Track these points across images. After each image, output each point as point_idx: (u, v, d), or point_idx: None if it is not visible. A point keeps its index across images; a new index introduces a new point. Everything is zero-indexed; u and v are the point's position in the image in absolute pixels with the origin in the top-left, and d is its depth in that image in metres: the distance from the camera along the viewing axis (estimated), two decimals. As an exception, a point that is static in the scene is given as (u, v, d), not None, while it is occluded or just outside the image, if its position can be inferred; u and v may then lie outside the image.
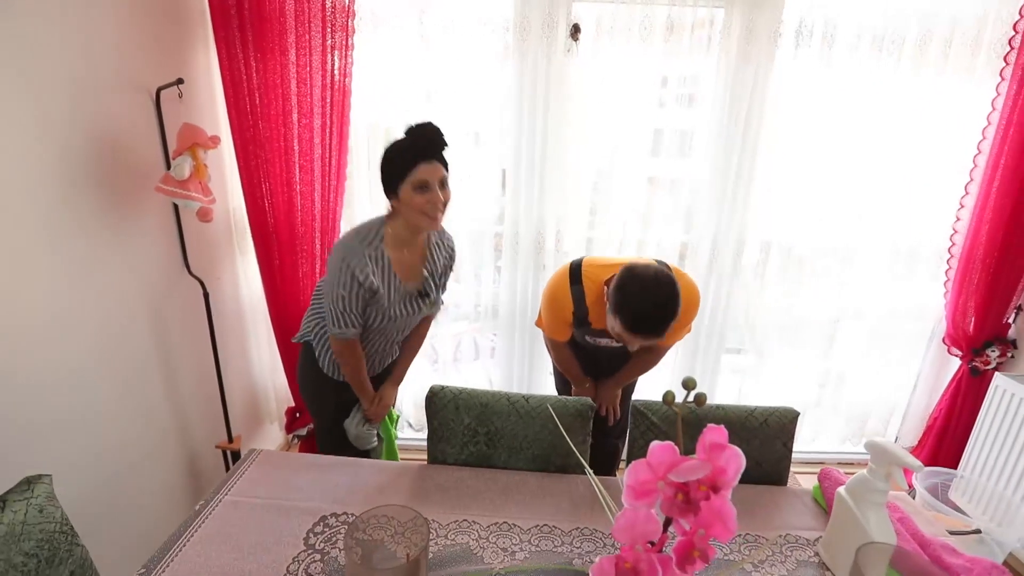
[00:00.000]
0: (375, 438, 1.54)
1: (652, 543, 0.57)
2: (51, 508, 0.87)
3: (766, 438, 1.19)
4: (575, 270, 1.42)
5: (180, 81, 1.53)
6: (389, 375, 1.56)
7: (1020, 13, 1.77)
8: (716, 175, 2.01)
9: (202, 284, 1.73)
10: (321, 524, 0.99)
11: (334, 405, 1.51)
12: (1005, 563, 1.89)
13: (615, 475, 1.74)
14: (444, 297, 1.52)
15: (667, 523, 0.58)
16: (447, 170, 1.23)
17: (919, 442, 2.36)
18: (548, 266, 2.09)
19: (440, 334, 2.33)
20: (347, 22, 1.78)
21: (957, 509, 2.04)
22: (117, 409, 1.46)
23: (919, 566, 0.90)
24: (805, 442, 2.47)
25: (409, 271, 1.34)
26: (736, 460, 0.51)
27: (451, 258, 1.47)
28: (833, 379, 2.41)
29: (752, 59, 1.87)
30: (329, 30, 1.77)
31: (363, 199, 2.12)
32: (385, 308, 1.30)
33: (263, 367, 2.24)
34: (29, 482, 0.87)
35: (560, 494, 1.11)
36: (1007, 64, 1.82)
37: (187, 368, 1.77)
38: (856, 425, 2.45)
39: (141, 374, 1.56)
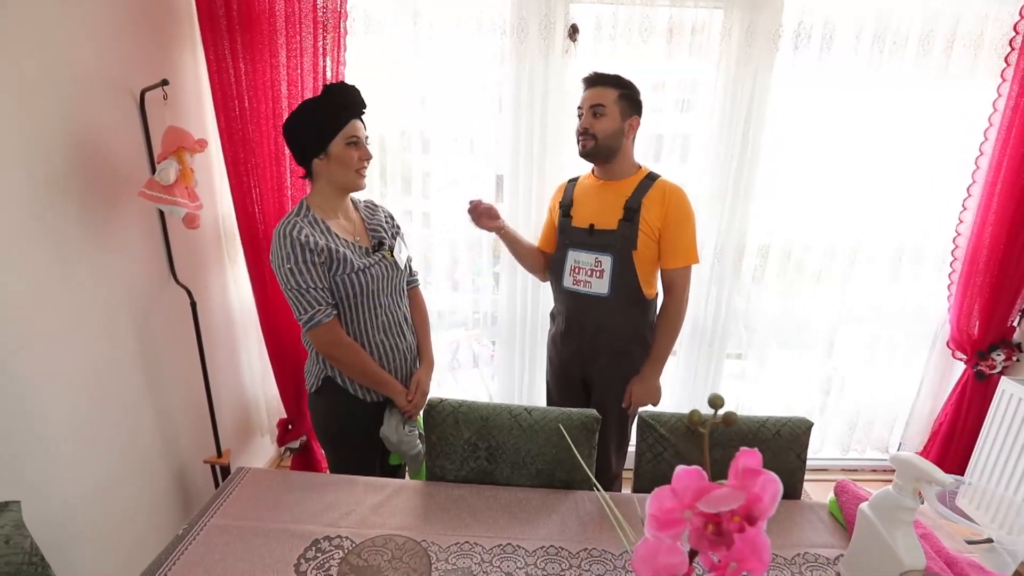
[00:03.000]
0: (418, 439, 1.35)
1: (677, 577, 0.52)
2: (19, 538, 0.81)
3: (779, 449, 1.14)
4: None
5: (165, 83, 1.47)
6: (417, 364, 1.43)
7: (1020, 14, 1.75)
8: (716, 179, 1.98)
9: (189, 293, 1.66)
10: (313, 548, 0.93)
11: (369, 441, 1.36)
12: (1016, 573, 1.85)
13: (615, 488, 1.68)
14: (446, 300, 1.44)
15: (692, 553, 0.53)
16: (366, 130, 1.27)
17: (924, 448, 2.32)
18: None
19: (436, 341, 2.27)
20: (339, 24, 1.73)
21: (965, 516, 2.00)
22: (98, 425, 1.39)
23: (948, 586, 0.86)
24: (813, 449, 2.43)
25: (351, 232, 1.29)
26: (772, 487, 0.46)
27: (392, 218, 1.43)
28: (836, 384, 2.38)
29: (752, 61, 1.84)
30: (321, 32, 1.72)
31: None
32: (351, 261, 1.20)
33: (254, 378, 2.17)
34: (-4, 510, 0.81)
35: (566, 512, 1.05)
36: (1008, 65, 1.80)
37: (174, 380, 1.70)
38: (860, 431, 2.41)
39: (124, 388, 1.49)
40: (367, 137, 1.26)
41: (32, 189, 1.17)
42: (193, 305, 1.66)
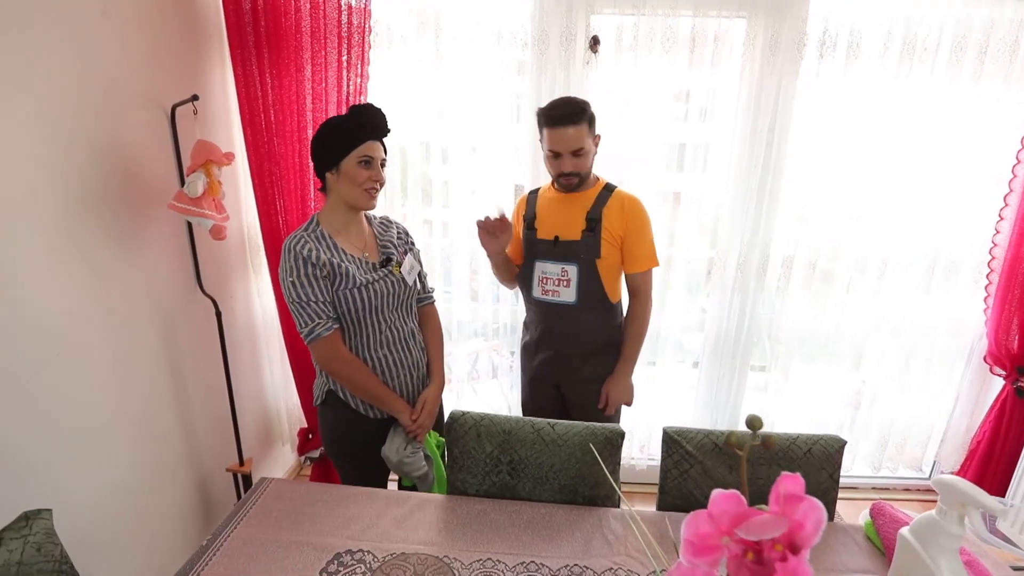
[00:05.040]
0: (423, 461, 1.31)
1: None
2: (50, 546, 0.82)
3: (811, 468, 1.10)
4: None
5: (195, 98, 1.51)
6: (426, 382, 1.40)
7: (1059, 18, 1.70)
8: (740, 189, 1.95)
9: (215, 303, 1.69)
10: (336, 563, 0.92)
11: (373, 459, 1.33)
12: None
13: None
14: (466, 310, 1.44)
15: (729, 580, 0.51)
16: (386, 154, 1.29)
17: (961, 467, 2.23)
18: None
19: (455, 352, 2.27)
20: (363, 39, 1.76)
21: (1007, 540, 1.91)
22: (126, 433, 1.41)
23: (998, 619, 0.81)
24: (843, 467, 2.35)
25: (360, 248, 1.30)
26: (816, 513, 0.44)
27: (407, 234, 1.44)
28: (866, 399, 2.30)
29: (776, 70, 1.81)
30: (345, 47, 1.76)
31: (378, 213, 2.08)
32: (353, 276, 1.20)
33: (275, 387, 2.20)
34: (27, 518, 0.82)
35: (590, 529, 1.03)
36: (1046, 70, 1.75)
37: (198, 389, 1.72)
38: (892, 449, 2.32)
39: (152, 395, 1.52)
40: (384, 160, 1.27)
41: (65, 202, 1.21)
42: (218, 314, 1.69)
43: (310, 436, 2.13)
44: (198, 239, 1.66)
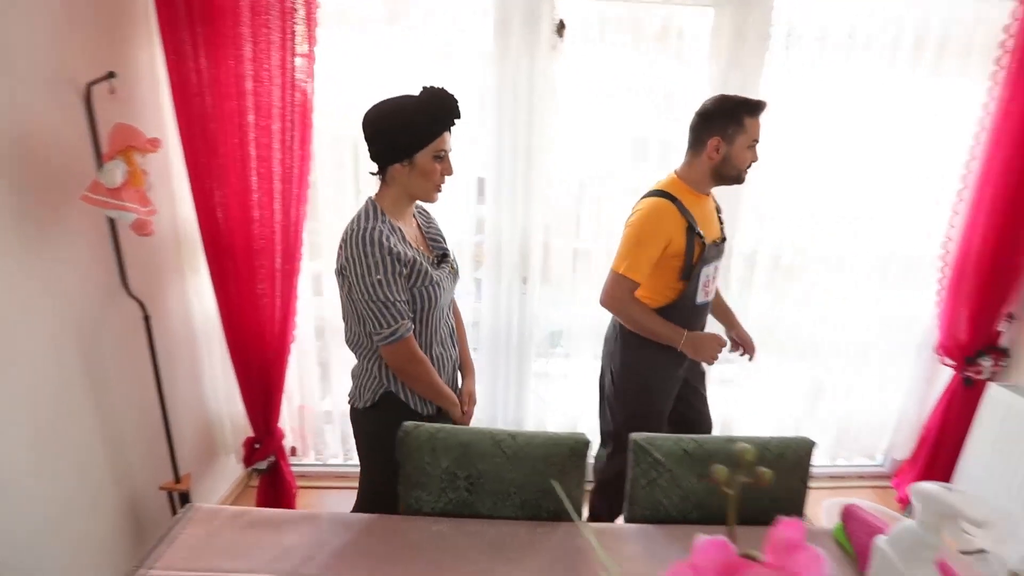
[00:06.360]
0: None
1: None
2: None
3: (783, 473, 1.06)
4: (656, 193, 1.45)
5: (112, 75, 1.34)
6: (463, 375, 1.42)
7: (1012, 16, 1.73)
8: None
9: (142, 306, 1.53)
10: (270, 603, 0.82)
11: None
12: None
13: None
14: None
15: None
16: None
17: (912, 456, 2.30)
18: (531, 279, 1.96)
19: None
20: (309, 18, 1.62)
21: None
22: (42, 454, 1.25)
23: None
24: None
25: (416, 240, 1.25)
26: (817, 566, 0.38)
27: (435, 221, 1.38)
28: (823, 392, 2.34)
29: (742, 61, 1.79)
30: (290, 26, 1.61)
31: (329, 211, 1.95)
32: (430, 275, 1.16)
33: (217, 395, 2.03)
34: None
35: (557, 547, 0.96)
36: (999, 68, 1.78)
37: (125, 400, 1.56)
38: (848, 438, 2.38)
39: (68, 412, 1.35)
40: (452, 149, 1.19)
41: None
42: (146, 318, 1.53)
43: (257, 445, 1.98)
44: (122, 235, 1.49)
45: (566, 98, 1.80)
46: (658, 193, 1.44)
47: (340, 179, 1.92)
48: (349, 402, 1.30)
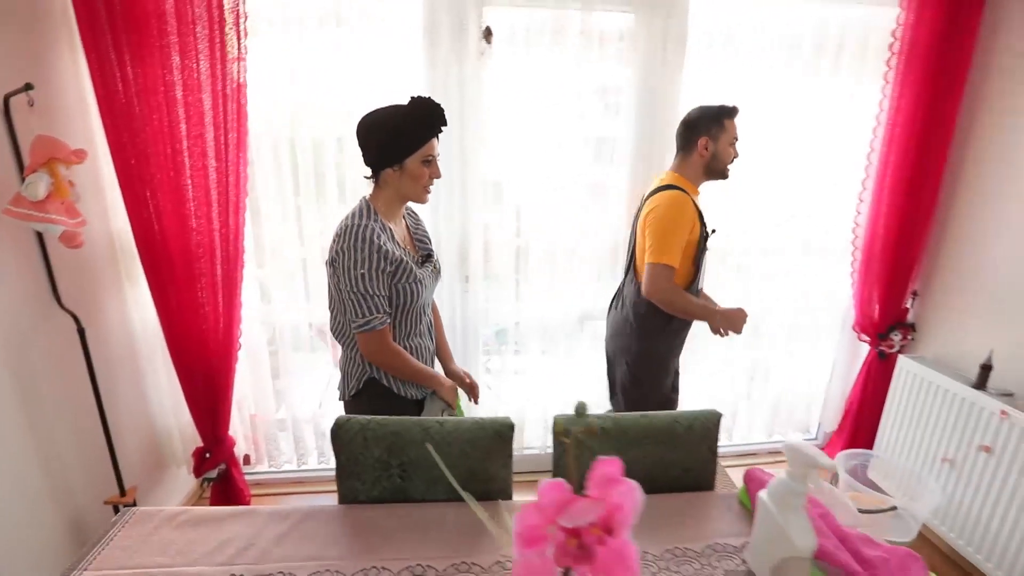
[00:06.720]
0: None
1: (552, 592, 0.51)
2: None
3: (692, 444, 1.17)
4: (669, 187, 1.61)
5: (29, 87, 1.33)
6: (443, 362, 1.54)
7: (897, 22, 1.90)
8: (637, 179, 2.03)
9: (76, 319, 1.51)
10: (203, 593, 0.85)
11: None
12: (920, 534, 2.00)
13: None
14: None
15: (567, 569, 0.52)
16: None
17: (839, 427, 2.48)
18: (471, 277, 2.02)
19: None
20: (238, 25, 1.64)
21: (876, 487, 2.14)
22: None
23: (838, 561, 0.90)
24: (741, 435, 2.54)
25: (404, 239, 1.34)
26: (632, 495, 0.46)
27: (423, 224, 1.48)
28: (760, 373, 2.49)
29: (664, 63, 1.90)
30: (219, 34, 1.62)
31: (273, 215, 1.96)
32: (414, 273, 1.26)
33: (164, 406, 2.01)
34: None
35: (481, 524, 1.02)
36: (889, 68, 1.95)
37: (63, 416, 1.54)
38: (783, 415, 2.54)
39: (1, 430, 1.33)
40: (439, 154, 1.28)
41: None
42: (81, 332, 1.52)
43: (207, 455, 1.98)
44: (52, 248, 1.48)
45: (496, 101, 1.87)
46: (670, 187, 1.61)
47: (281, 185, 1.94)
48: (340, 398, 1.39)
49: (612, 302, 1.89)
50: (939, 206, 2.10)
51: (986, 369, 1.82)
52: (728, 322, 1.64)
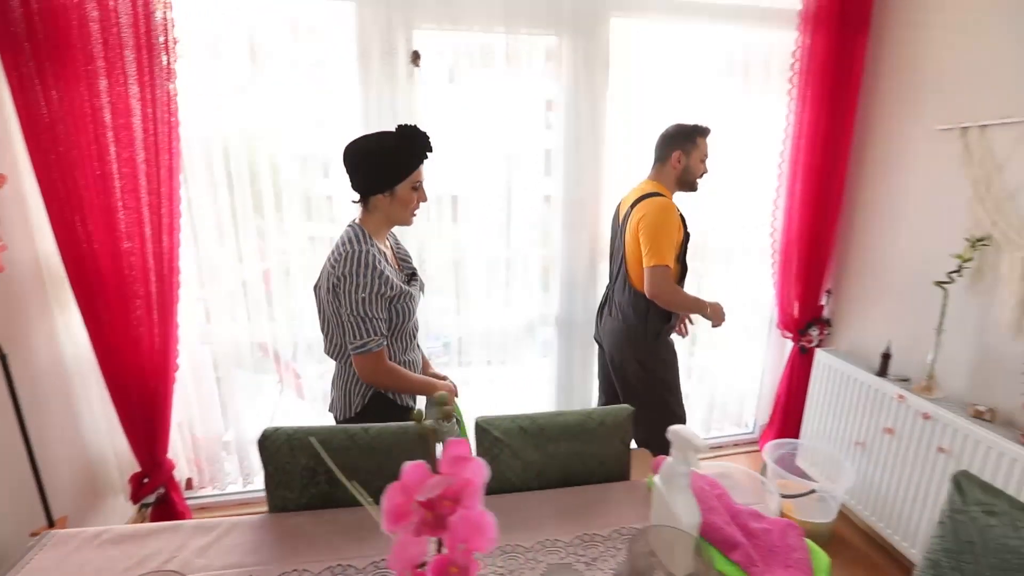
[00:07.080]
0: (455, 425, 1.45)
1: (423, 564, 0.57)
2: None
3: (605, 437, 1.25)
4: (649, 195, 1.76)
5: (-57, 114, 1.32)
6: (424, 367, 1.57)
7: (796, 44, 2.10)
8: (572, 190, 2.14)
9: (-4, 346, 1.48)
10: (120, 606, 0.87)
11: None
12: (841, 514, 2.15)
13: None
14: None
15: (440, 543, 0.58)
16: None
17: (770, 419, 2.64)
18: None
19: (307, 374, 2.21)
20: (167, 49, 1.66)
21: (803, 474, 2.29)
22: None
23: (724, 535, 1.00)
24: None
25: (392, 260, 1.40)
26: (480, 471, 0.53)
27: (403, 243, 1.54)
28: (696, 371, 2.63)
29: (589, 81, 2.02)
30: (146, 57, 1.64)
31: (209, 236, 1.97)
32: (408, 293, 1.31)
33: (98, 432, 1.97)
34: None
35: (406, 524, 1.08)
36: (792, 86, 2.14)
37: (-17, 446, 1.50)
38: (719, 411, 2.68)
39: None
40: (425, 179, 1.34)
41: None
42: (2, 358, 1.49)
43: (145, 480, 1.94)
44: (-31, 274, 1.45)
45: (431, 121, 1.95)
46: (655, 194, 1.76)
47: (218, 206, 1.95)
48: (338, 419, 1.40)
49: (601, 310, 2.00)
50: (844, 209, 2.30)
51: (886, 357, 1.99)
52: (716, 314, 1.83)
